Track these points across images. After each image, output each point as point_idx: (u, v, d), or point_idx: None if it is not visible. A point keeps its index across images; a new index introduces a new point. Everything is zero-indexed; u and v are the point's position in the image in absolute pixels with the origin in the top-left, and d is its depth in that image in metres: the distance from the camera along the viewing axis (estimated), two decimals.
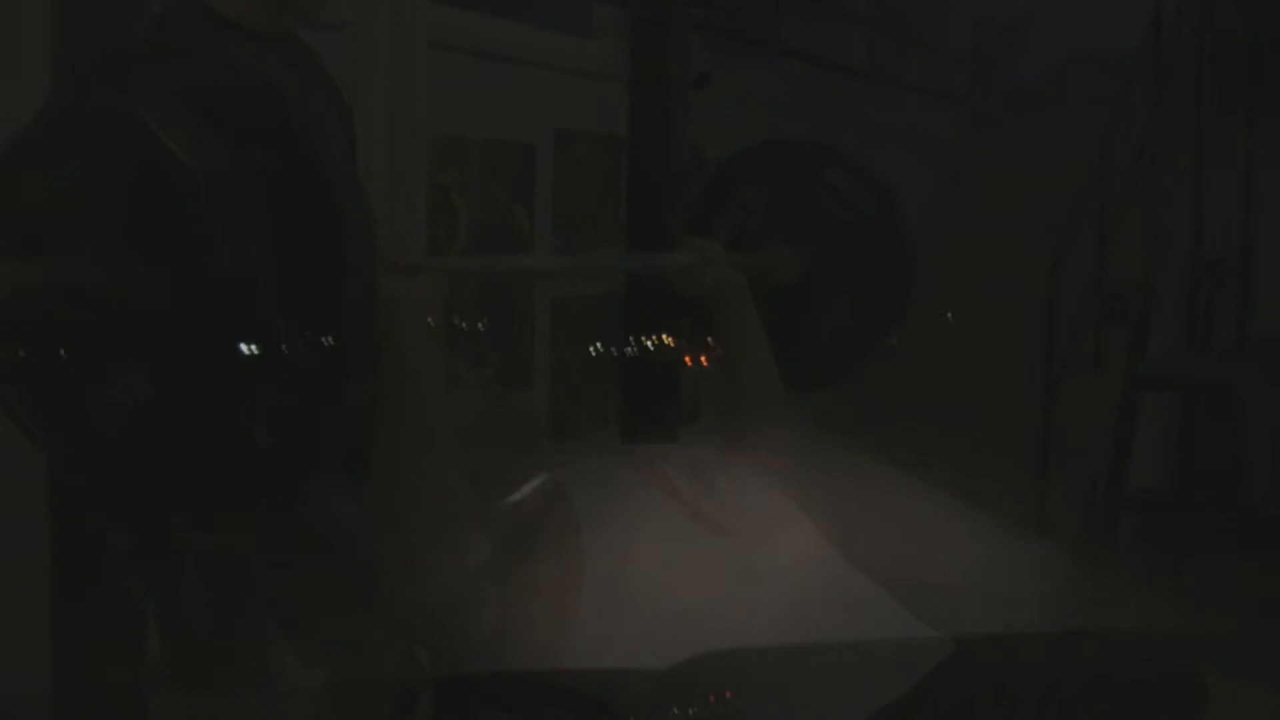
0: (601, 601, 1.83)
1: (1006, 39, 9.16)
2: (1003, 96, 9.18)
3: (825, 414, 6.41)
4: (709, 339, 2.64)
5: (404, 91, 3.79)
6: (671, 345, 2.74)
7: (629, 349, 2.76)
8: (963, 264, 6.98)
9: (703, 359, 2.74)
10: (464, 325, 4.30)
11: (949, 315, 5.68)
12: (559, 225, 4.75)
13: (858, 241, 2.64)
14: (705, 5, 2.80)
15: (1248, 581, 5.31)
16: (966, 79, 8.52)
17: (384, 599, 1.91)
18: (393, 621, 2.02)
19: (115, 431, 1.30)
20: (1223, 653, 2.12)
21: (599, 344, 4.88)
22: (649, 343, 2.76)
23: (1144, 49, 6.74)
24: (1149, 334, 5.23)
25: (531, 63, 4.51)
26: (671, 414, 2.78)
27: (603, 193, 4.96)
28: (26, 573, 1.98)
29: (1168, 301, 5.62)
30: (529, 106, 4.50)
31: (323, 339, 1.30)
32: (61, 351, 1.32)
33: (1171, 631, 4.85)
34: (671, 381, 2.78)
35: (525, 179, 4.55)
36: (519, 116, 4.46)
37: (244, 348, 1.26)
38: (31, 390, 1.36)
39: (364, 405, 1.92)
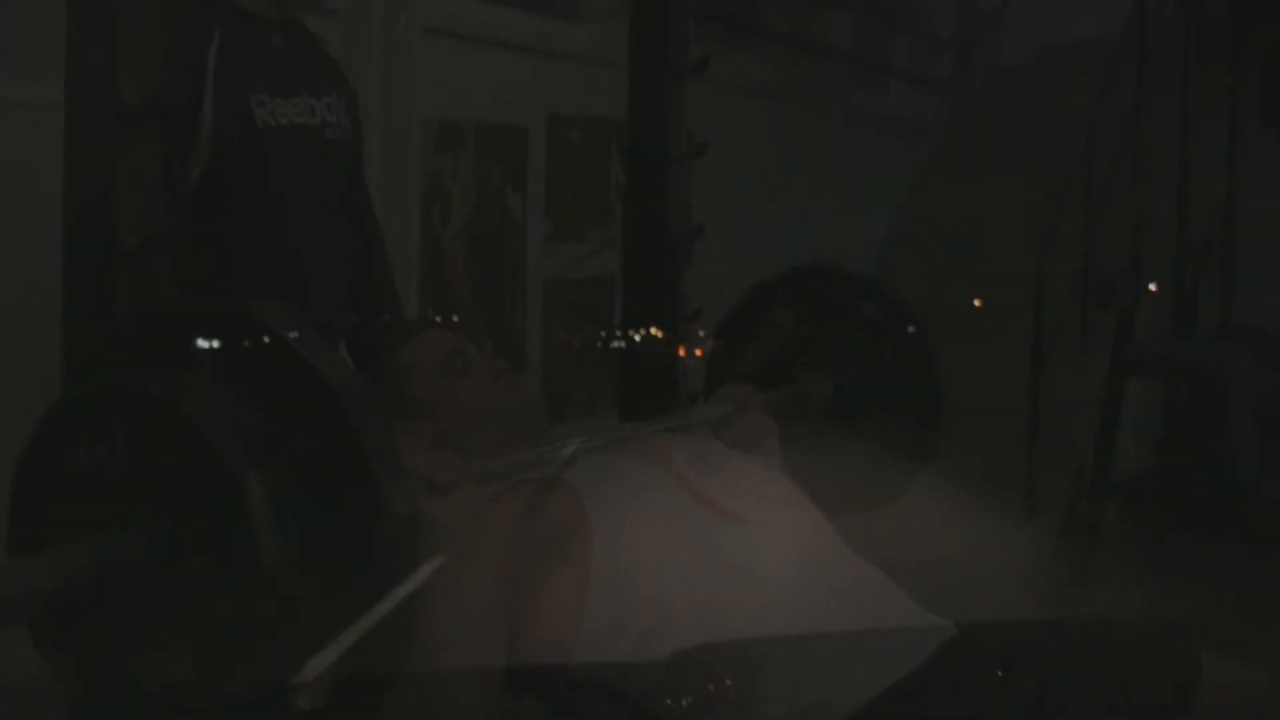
0: (611, 592, 1.84)
1: (990, 23, 9.17)
2: (987, 81, 9.20)
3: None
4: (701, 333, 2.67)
5: (398, 76, 3.80)
6: (661, 337, 2.75)
7: (623, 339, 2.77)
8: (949, 248, 7.02)
9: (697, 350, 2.76)
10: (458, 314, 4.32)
11: (976, 302, 5.71)
12: (551, 209, 4.77)
13: (890, 374, 2.65)
14: None
15: (1233, 564, 5.35)
16: (952, 64, 8.52)
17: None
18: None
19: (151, 694, 1.31)
20: (1209, 634, 2.15)
21: (596, 332, 4.91)
22: (640, 335, 2.77)
23: (1129, 32, 6.77)
24: (1135, 318, 5.24)
25: (524, 47, 4.52)
26: (670, 397, 2.80)
27: (595, 176, 4.97)
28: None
29: (1154, 285, 5.65)
30: (522, 91, 4.51)
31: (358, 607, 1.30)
32: (107, 620, 1.32)
33: (1160, 614, 4.90)
34: (669, 365, 2.80)
35: (518, 163, 4.56)
36: (512, 101, 4.47)
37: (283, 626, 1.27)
38: (76, 647, 1.36)
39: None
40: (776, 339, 2.71)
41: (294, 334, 1.31)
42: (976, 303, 5.75)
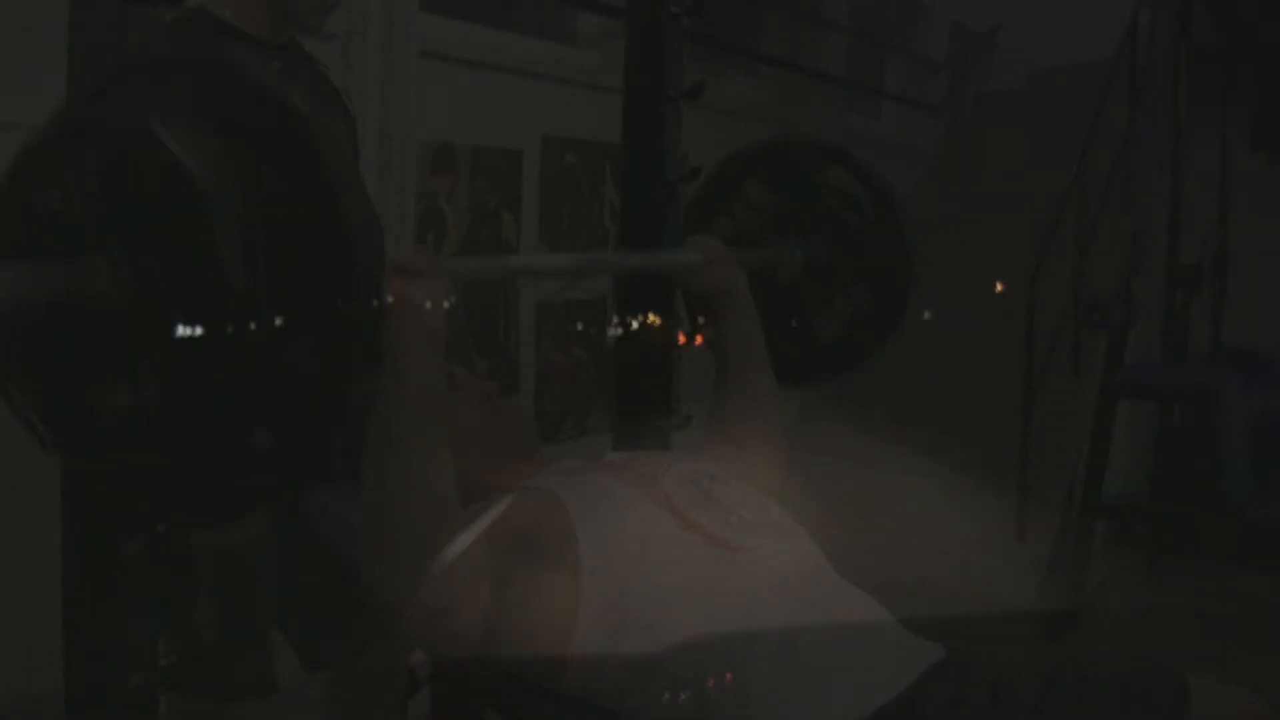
0: (600, 616, 1.85)
1: (983, 47, 9.21)
2: (979, 104, 9.23)
3: (804, 419, 6.46)
4: (700, 319, 2.68)
5: (395, 99, 3.82)
6: (658, 325, 2.76)
7: (618, 330, 2.78)
8: (942, 270, 7.03)
9: (697, 338, 2.77)
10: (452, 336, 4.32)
11: (925, 315, 5.71)
12: (545, 231, 4.78)
13: (860, 242, 2.67)
14: (690, 14, 2.81)
15: (1225, 586, 5.36)
16: (944, 88, 8.56)
17: (375, 602, 1.92)
18: (387, 625, 2.04)
19: (117, 431, 1.32)
20: (1201, 654, 2.16)
21: (586, 349, 4.92)
22: (636, 322, 2.78)
23: (1120, 56, 6.79)
24: (1127, 340, 5.26)
25: (519, 71, 4.54)
26: (664, 420, 2.81)
27: (589, 199, 4.99)
28: (38, 576, 2.00)
29: (1145, 308, 5.66)
30: (517, 114, 4.53)
31: (327, 343, 1.31)
32: (66, 354, 1.33)
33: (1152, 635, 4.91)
34: (664, 387, 2.81)
35: (513, 185, 4.58)
36: (507, 124, 4.49)
37: (247, 352, 1.27)
38: (38, 392, 1.38)
39: (366, 409, 1.95)
40: (747, 210, 2.74)
41: (261, 73, 1.33)
42: (983, 306, 5.75)
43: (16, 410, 1.41)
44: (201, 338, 1.25)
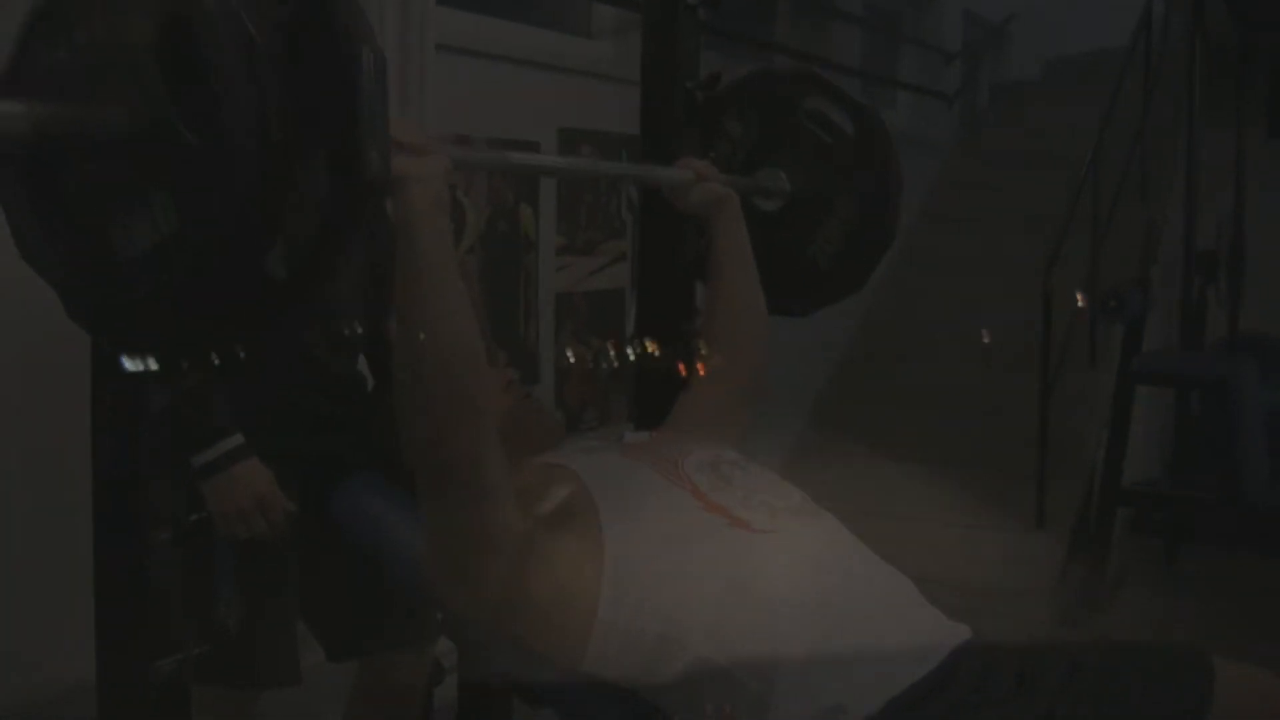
0: (624, 597, 1.85)
1: (997, 37, 9.20)
2: (994, 94, 9.23)
3: (824, 408, 6.47)
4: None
5: (412, 93, 3.82)
6: (657, 352, 2.78)
7: (630, 353, 2.79)
8: (958, 260, 7.04)
9: (699, 366, 2.78)
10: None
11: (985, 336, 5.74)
12: (563, 223, 4.80)
13: (842, 161, 2.70)
14: (706, 5, 2.82)
15: (1243, 574, 5.37)
16: (958, 78, 8.55)
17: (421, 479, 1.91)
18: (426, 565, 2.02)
19: (138, 258, 1.33)
20: (1218, 640, 2.17)
21: (601, 354, 4.93)
22: (641, 350, 2.79)
23: (1135, 45, 6.79)
24: (1144, 329, 5.26)
25: (535, 63, 4.55)
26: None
27: (606, 191, 5.00)
28: (70, 567, 2.01)
29: (1162, 296, 5.67)
30: (533, 106, 4.54)
31: (337, 189, 1.34)
32: (85, 190, 1.35)
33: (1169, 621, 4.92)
34: (683, 379, 2.82)
35: (531, 178, 4.59)
36: (524, 116, 4.49)
37: (263, 186, 1.29)
38: (59, 229, 1.40)
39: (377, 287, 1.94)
40: (729, 147, 2.78)
41: None
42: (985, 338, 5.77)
43: (35, 261, 1.43)
44: (213, 166, 1.28)
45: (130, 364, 1.50)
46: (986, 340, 5.78)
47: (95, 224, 1.36)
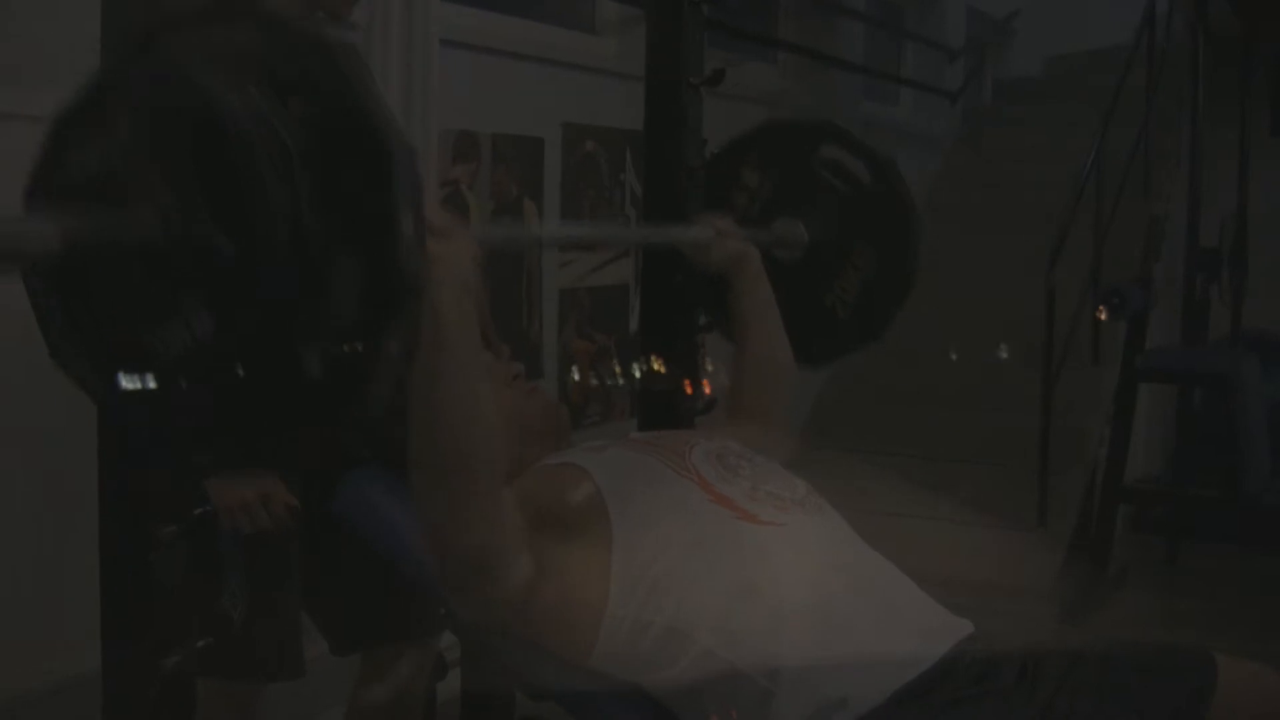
0: (631, 588, 1.86)
1: (1000, 33, 9.20)
2: (997, 91, 9.22)
3: (825, 405, 6.47)
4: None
5: (416, 88, 3.83)
6: (663, 372, 2.79)
7: (636, 370, 2.81)
8: (960, 256, 7.03)
9: (705, 385, 2.80)
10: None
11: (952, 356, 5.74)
12: (567, 218, 4.80)
13: (860, 211, 2.71)
14: (710, 1, 2.83)
15: (1245, 571, 5.37)
16: (961, 74, 8.55)
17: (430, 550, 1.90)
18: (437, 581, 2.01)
19: (172, 365, 1.33)
20: (1219, 637, 2.17)
21: (607, 373, 4.94)
22: (644, 368, 2.80)
23: (1138, 42, 6.79)
24: (1146, 325, 5.26)
25: (539, 59, 4.56)
26: (688, 404, 2.83)
27: (610, 186, 5.01)
28: (77, 563, 2.02)
29: (1164, 292, 5.67)
30: (537, 101, 4.55)
31: (373, 271, 1.33)
32: (121, 296, 1.35)
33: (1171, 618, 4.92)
34: (688, 372, 2.83)
35: (534, 173, 4.60)
36: (528, 112, 4.50)
37: (299, 289, 1.28)
38: (92, 335, 1.39)
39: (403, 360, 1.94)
40: (746, 198, 2.78)
41: (296, 14, 1.35)
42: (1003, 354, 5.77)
43: (68, 366, 1.43)
44: (249, 277, 1.27)
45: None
46: (1004, 356, 5.78)
47: (128, 329, 1.35)
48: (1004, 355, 5.82)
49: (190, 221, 1.27)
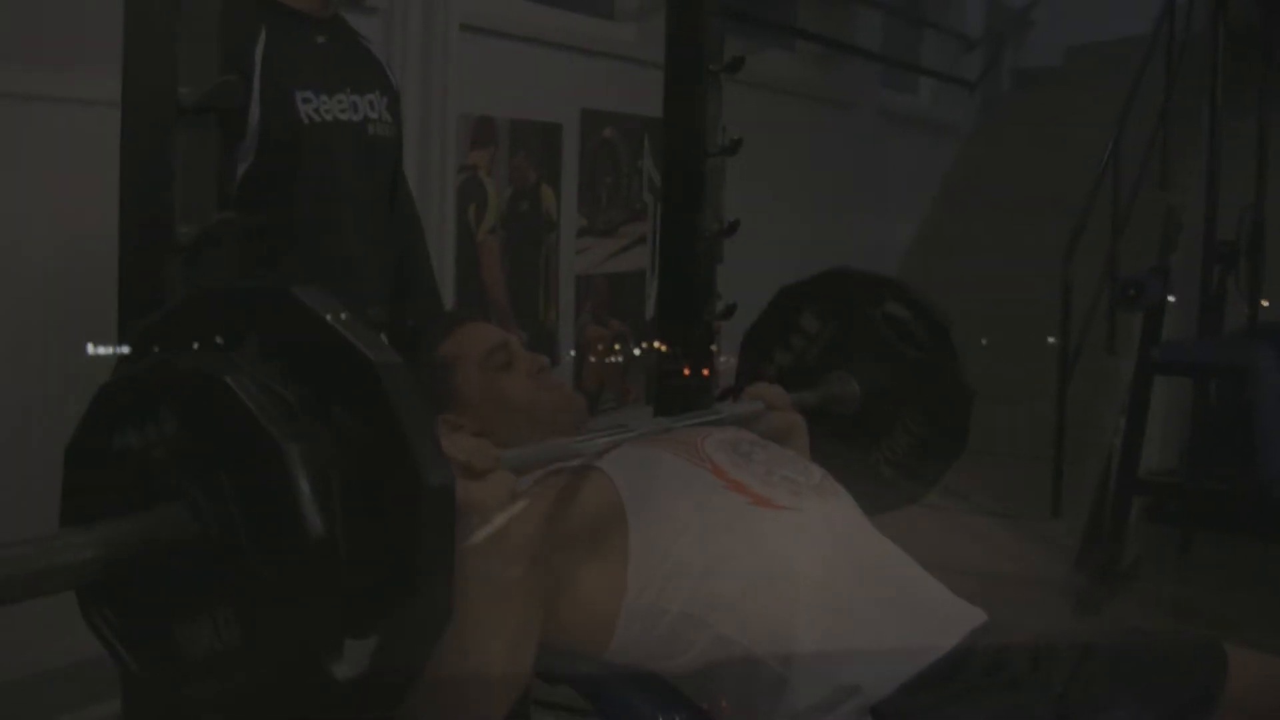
0: (647, 577, 1.86)
1: (1019, 23, 9.18)
2: (1015, 81, 9.21)
3: None
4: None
5: (435, 73, 3.85)
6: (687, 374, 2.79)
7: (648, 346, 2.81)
8: (977, 247, 7.03)
9: (704, 371, 2.79)
10: (493, 307, 4.36)
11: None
12: (584, 204, 4.81)
13: (917, 372, 2.69)
14: None
15: (1261, 563, 5.36)
16: (980, 63, 8.54)
17: None
18: None
19: (199, 664, 1.33)
20: (1233, 630, 2.17)
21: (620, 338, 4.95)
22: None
23: (1157, 32, 6.77)
24: (1163, 317, 5.24)
25: (559, 45, 4.56)
26: (704, 391, 2.84)
27: (628, 172, 5.02)
28: None
29: (1181, 284, 5.65)
30: (557, 88, 4.56)
31: (399, 583, 1.32)
32: (153, 590, 1.34)
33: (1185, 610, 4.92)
34: (704, 359, 2.83)
35: (553, 159, 4.61)
36: (547, 97, 4.51)
37: (325, 593, 1.28)
38: (123, 622, 1.39)
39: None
40: (803, 343, 2.75)
41: (334, 314, 1.33)
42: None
43: (102, 639, 1.42)
44: (280, 583, 1.27)
45: None
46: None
47: (160, 619, 1.34)
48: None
49: (224, 531, 1.27)
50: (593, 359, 4.91)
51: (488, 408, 2.11)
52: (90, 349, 2.09)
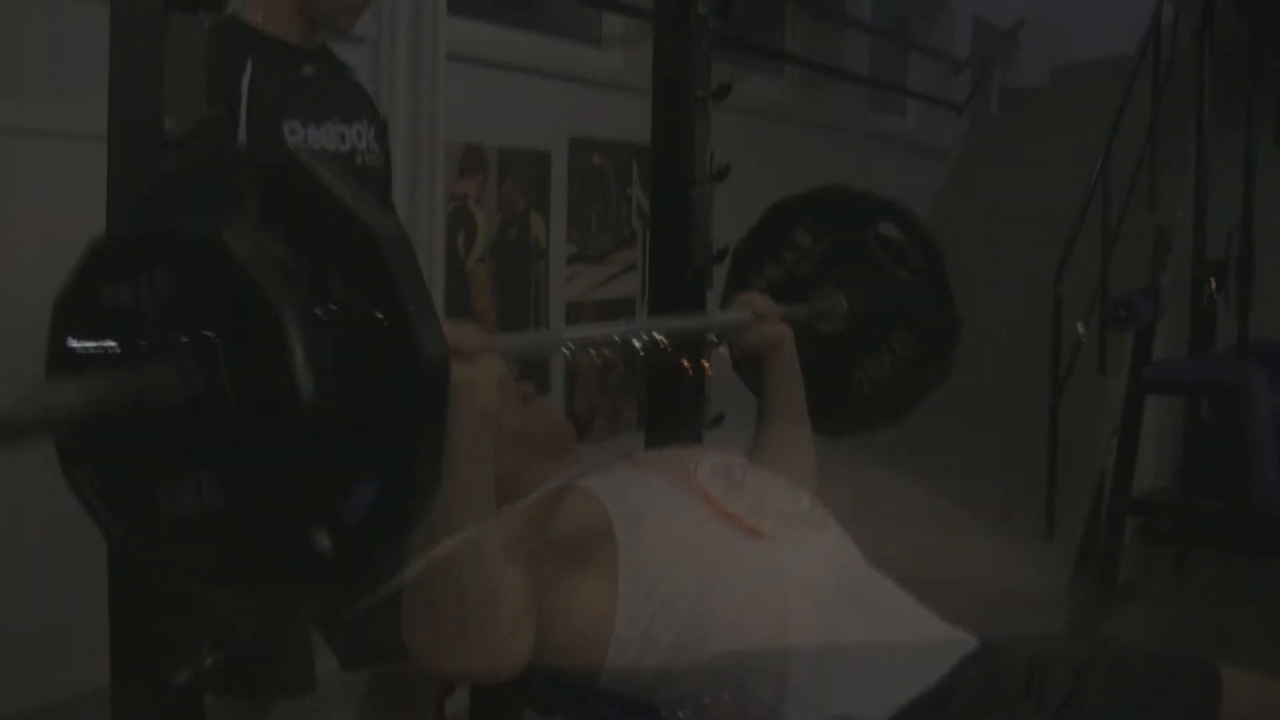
0: (638, 604, 1.86)
1: (1005, 44, 9.21)
2: (1002, 102, 9.23)
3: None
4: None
5: (424, 102, 3.85)
6: (690, 370, 2.78)
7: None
8: (967, 267, 7.03)
9: (704, 365, 2.79)
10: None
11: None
12: (573, 232, 4.81)
13: (907, 295, 2.69)
14: (718, 14, 2.83)
15: (1253, 581, 5.37)
16: (967, 85, 8.56)
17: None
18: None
19: (180, 526, 1.32)
20: (1227, 648, 2.17)
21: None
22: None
23: (1144, 53, 6.80)
24: (1154, 336, 5.26)
25: (546, 73, 4.57)
26: (696, 419, 2.83)
27: (617, 199, 5.02)
28: (85, 576, 2.02)
29: (1171, 303, 5.66)
30: (544, 115, 4.56)
31: (392, 452, 1.31)
32: (138, 450, 1.34)
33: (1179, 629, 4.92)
34: (696, 385, 2.83)
35: (541, 186, 4.61)
36: (535, 125, 4.51)
37: (313, 472, 1.27)
38: (106, 480, 1.38)
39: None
40: (794, 257, 2.75)
41: (335, 181, 1.32)
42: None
43: (83, 499, 1.41)
44: (268, 447, 1.26)
45: None
46: (1006, 337, 5.76)
47: (143, 480, 1.34)
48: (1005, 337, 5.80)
49: (210, 388, 1.26)
50: (583, 385, 4.90)
51: None
52: None
